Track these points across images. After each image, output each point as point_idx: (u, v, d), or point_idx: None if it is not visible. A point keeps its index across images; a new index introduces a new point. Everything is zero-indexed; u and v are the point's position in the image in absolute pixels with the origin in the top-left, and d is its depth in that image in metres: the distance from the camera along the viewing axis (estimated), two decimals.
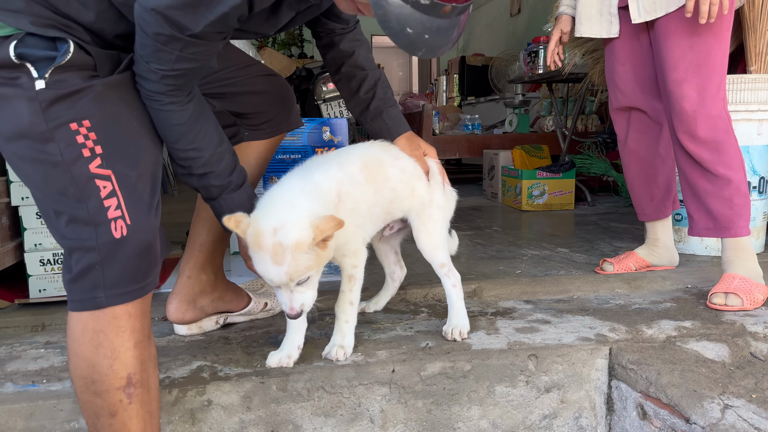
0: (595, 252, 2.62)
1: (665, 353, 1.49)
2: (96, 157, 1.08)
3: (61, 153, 1.06)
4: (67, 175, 1.06)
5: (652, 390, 1.37)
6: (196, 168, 1.27)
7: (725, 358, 1.49)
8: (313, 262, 1.27)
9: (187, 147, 1.25)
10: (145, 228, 1.12)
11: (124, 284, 1.09)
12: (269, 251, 1.24)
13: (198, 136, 1.25)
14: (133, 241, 1.10)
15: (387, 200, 1.54)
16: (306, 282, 1.29)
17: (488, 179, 4.79)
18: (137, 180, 1.13)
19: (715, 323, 1.67)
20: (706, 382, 1.36)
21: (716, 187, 1.90)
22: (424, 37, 1.10)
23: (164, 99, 1.18)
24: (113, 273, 1.09)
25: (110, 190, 1.09)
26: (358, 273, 1.49)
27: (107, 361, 1.08)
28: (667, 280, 2.11)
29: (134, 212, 1.11)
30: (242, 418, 1.35)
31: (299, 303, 1.29)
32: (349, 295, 1.49)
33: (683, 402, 1.30)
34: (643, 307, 1.84)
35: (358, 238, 1.48)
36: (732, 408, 1.27)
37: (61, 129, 1.06)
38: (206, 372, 1.40)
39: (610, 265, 2.22)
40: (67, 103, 1.07)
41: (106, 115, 1.11)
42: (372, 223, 1.54)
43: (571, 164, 4.12)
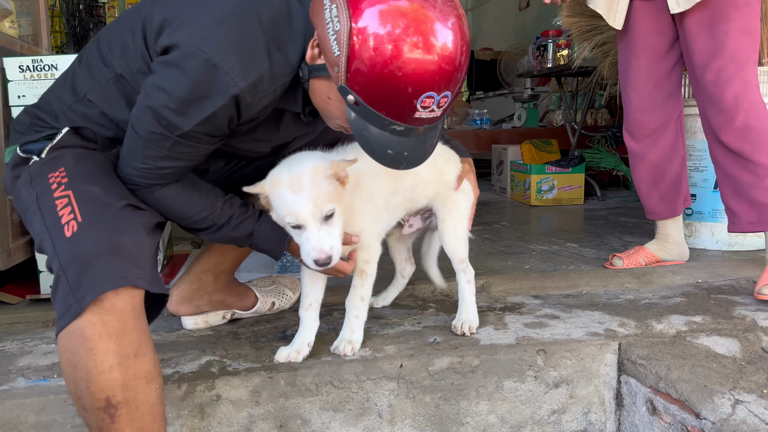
0: (605, 247, 2.61)
1: (675, 348, 1.48)
2: (60, 186, 1.18)
3: (37, 196, 1.19)
4: (38, 211, 1.18)
5: (662, 385, 1.37)
6: (218, 219, 1.35)
7: (736, 353, 1.48)
8: (334, 191, 1.24)
9: (199, 209, 1.33)
10: (101, 224, 1.12)
11: (87, 283, 1.06)
12: (287, 182, 1.23)
13: (200, 193, 1.33)
14: (87, 236, 1.09)
15: (409, 187, 1.51)
16: (332, 220, 1.25)
17: (497, 174, 4.77)
18: (98, 190, 1.18)
19: (726, 318, 1.66)
20: (717, 378, 1.35)
21: (758, 178, 1.88)
22: (404, 154, 1.17)
23: (153, 188, 1.27)
24: (74, 273, 1.07)
25: (66, 203, 1.15)
26: (370, 269, 1.47)
27: (83, 383, 1.06)
28: (677, 275, 2.09)
29: (87, 210, 1.13)
30: (251, 412, 1.36)
31: (328, 244, 1.23)
32: (359, 291, 1.47)
33: (693, 397, 1.29)
34: (653, 302, 1.83)
35: (372, 231, 1.46)
36: (743, 403, 1.26)
37: (40, 181, 1.21)
38: (215, 367, 1.41)
39: (619, 260, 2.20)
40: (50, 163, 1.23)
41: (80, 161, 1.24)
42: (390, 215, 1.52)
43: (580, 159, 4.09)
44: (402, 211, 1.56)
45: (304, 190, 1.21)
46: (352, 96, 1.11)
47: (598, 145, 4.31)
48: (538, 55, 4.64)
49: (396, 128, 1.13)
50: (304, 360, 1.43)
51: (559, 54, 4.40)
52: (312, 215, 1.22)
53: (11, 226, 1.88)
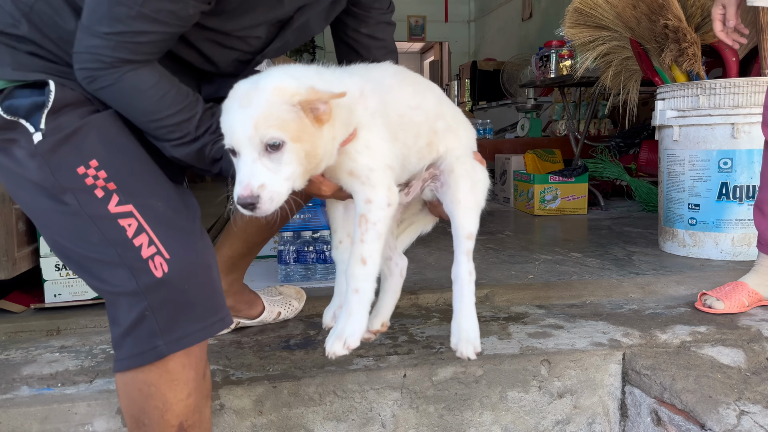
0: (608, 257, 2.60)
1: (680, 358, 1.47)
2: (111, 194, 1.01)
3: (78, 201, 1.00)
4: (88, 223, 1.00)
5: (667, 396, 1.36)
6: (194, 128, 1.05)
7: (741, 363, 1.47)
8: (290, 121, 0.94)
9: (174, 110, 1.03)
10: (191, 258, 1.01)
11: (184, 326, 1.00)
12: (239, 95, 0.97)
13: (180, 92, 1.05)
14: (180, 276, 0.99)
15: (425, 121, 1.16)
16: (277, 154, 0.94)
17: (500, 184, 4.77)
18: (166, 207, 1.04)
19: (731, 328, 1.65)
20: (722, 388, 1.34)
21: None
22: None
23: (123, 68, 0.99)
24: (168, 316, 0.99)
25: (137, 227, 1.00)
26: (375, 215, 1.04)
27: (158, 412, 1.02)
28: (681, 285, 2.09)
29: (172, 244, 1.01)
30: (254, 422, 1.36)
31: (258, 181, 0.93)
32: (359, 249, 1.04)
33: (698, 408, 1.29)
34: (657, 312, 1.83)
35: (380, 162, 1.06)
36: (748, 414, 1.25)
37: (68, 176, 1.00)
38: (218, 376, 1.41)
39: (718, 301, 1.82)
40: (69, 147, 1.01)
41: (113, 149, 1.04)
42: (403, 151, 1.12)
43: (584, 168, 4.09)
44: (414, 161, 1.17)
45: (252, 107, 0.94)
46: None
47: (602, 154, 4.31)
48: (541, 66, 4.65)
49: None
50: (308, 369, 1.42)
51: (561, 64, 4.42)
52: (248, 139, 0.94)
53: (17, 235, 1.89)
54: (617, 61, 3.31)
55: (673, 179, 2.64)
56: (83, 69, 0.99)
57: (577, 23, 3.29)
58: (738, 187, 2.46)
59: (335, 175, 1.07)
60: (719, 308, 1.80)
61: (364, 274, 1.05)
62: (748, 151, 2.42)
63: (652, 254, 2.64)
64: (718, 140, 2.47)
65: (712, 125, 2.47)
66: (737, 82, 2.41)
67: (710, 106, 2.47)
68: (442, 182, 1.22)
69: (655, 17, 2.63)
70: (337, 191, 1.10)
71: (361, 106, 1.04)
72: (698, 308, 1.84)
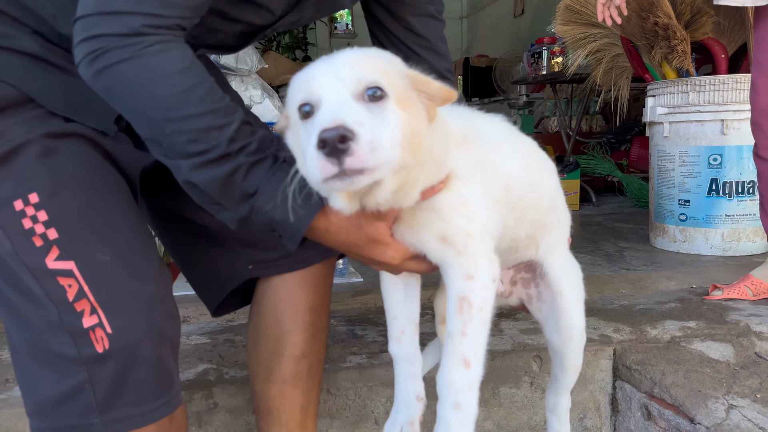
0: (600, 252, 2.62)
1: (669, 353, 1.49)
2: (51, 246, 0.82)
3: (12, 244, 0.83)
4: (24, 272, 0.83)
5: (657, 390, 1.38)
6: (226, 142, 0.77)
7: (730, 358, 1.49)
8: (400, 84, 0.71)
9: (204, 110, 0.76)
10: (137, 334, 0.84)
11: (123, 408, 0.84)
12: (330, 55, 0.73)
13: (214, 89, 0.79)
14: (123, 354, 0.83)
15: (535, 207, 0.91)
16: (378, 106, 0.68)
17: None
18: (115, 263, 0.85)
19: (720, 323, 1.67)
20: (711, 382, 1.36)
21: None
22: None
23: (146, 39, 0.74)
24: (107, 393, 0.83)
25: (77, 290, 0.82)
26: (480, 296, 0.79)
27: None
28: (671, 281, 2.10)
29: (116, 314, 0.83)
30: (248, 420, 1.36)
31: (354, 117, 0.65)
32: (460, 346, 0.79)
33: (687, 402, 1.30)
34: (648, 307, 1.84)
35: (479, 219, 0.80)
36: (736, 408, 1.27)
37: (2, 211, 0.83)
38: (212, 375, 1.41)
39: (718, 290, 1.90)
40: (6, 170, 0.82)
41: (60, 180, 0.84)
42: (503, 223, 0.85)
43: (575, 165, 4.11)
44: (503, 250, 0.88)
45: (349, 54, 0.72)
46: None
47: (593, 151, 4.34)
48: (532, 62, 4.67)
49: None
50: None
51: (553, 61, 4.43)
52: (340, 78, 0.68)
53: None
54: (608, 58, 3.33)
55: (663, 175, 2.66)
56: (90, 38, 0.74)
57: (568, 20, 3.31)
58: (727, 182, 2.48)
59: (415, 238, 0.81)
60: (717, 295, 1.87)
61: (468, 382, 0.79)
62: (738, 147, 2.44)
63: (643, 250, 2.66)
64: (707, 136, 2.49)
65: (701, 122, 2.49)
66: (726, 78, 2.43)
67: (700, 102, 2.48)
68: (542, 297, 0.97)
69: (645, 15, 2.65)
70: (409, 261, 0.84)
71: (462, 152, 0.80)
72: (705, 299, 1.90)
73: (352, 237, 0.82)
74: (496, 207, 0.82)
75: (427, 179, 0.76)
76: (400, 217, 0.80)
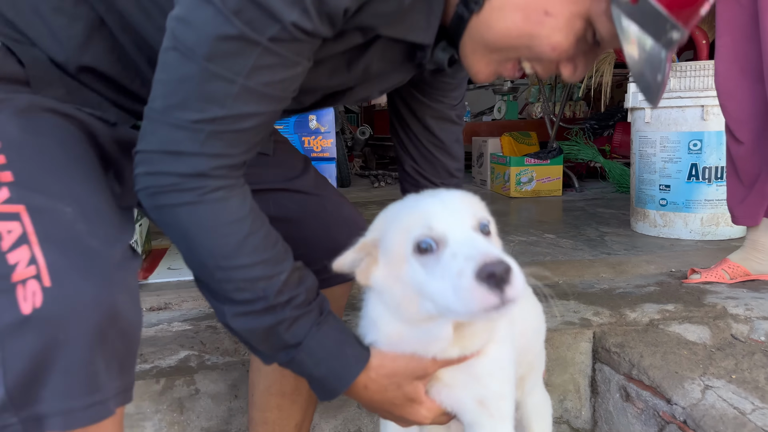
0: (582, 237, 2.65)
1: (648, 336, 1.51)
2: (1, 187, 0.70)
3: None
4: None
5: (635, 372, 1.40)
6: (274, 294, 0.76)
7: (706, 340, 1.52)
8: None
9: (256, 260, 0.75)
10: (87, 292, 0.65)
11: (48, 401, 0.63)
12: (419, 196, 0.78)
13: (269, 236, 0.78)
14: (58, 317, 0.63)
15: (531, 351, 0.98)
16: (489, 239, 0.73)
17: (477, 166, 4.80)
18: (77, 216, 0.71)
19: (698, 306, 1.70)
20: (688, 364, 1.38)
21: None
22: (657, 79, 0.79)
23: (209, 183, 0.72)
24: (25, 379, 0.63)
25: (18, 236, 0.67)
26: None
27: None
28: (651, 265, 2.13)
29: (63, 267, 0.66)
30: (230, 406, 1.36)
31: (496, 252, 0.66)
32: None
33: (665, 383, 1.32)
34: (627, 291, 1.87)
35: (508, 382, 0.83)
36: (712, 389, 1.29)
37: None
38: (194, 361, 1.41)
39: (696, 274, 1.93)
40: None
41: (32, 136, 0.76)
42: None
43: (558, 150, 4.13)
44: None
45: (456, 194, 0.76)
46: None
47: (576, 137, 4.36)
48: None
49: (672, 36, 0.76)
50: None
51: None
52: (461, 217, 0.72)
53: None
54: None
55: (644, 161, 2.68)
56: (153, 174, 0.73)
57: None
58: (707, 168, 2.51)
59: (452, 398, 0.81)
60: (696, 279, 1.91)
61: None
62: (718, 132, 2.46)
63: (624, 234, 2.69)
64: (688, 122, 2.52)
65: (682, 107, 2.51)
66: (707, 64, 2.45)
67: (681, 88, 2.50)
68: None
69: None
70: (439, 416, 0.84)
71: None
72: (684, 282, 1.93)
73: (390, 395, 0.81)
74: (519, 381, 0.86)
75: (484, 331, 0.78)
76: (437, 376, 0.81)
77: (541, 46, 0.79)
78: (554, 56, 0.80)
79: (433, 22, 0.83)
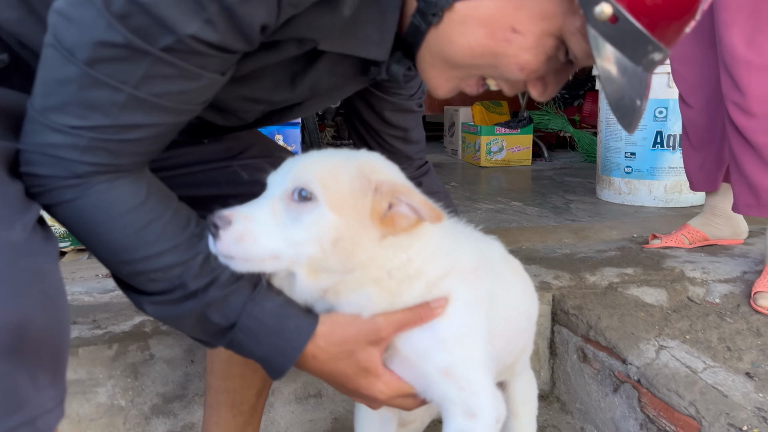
0: (548, 205, 2.66)
1: (606, 299, 1.52)
2: None
3: None
4: None
5: (592, 334, 1.41)
6: (191, 278, 0.70)
7: (663, 302, 1.54)
8: (346, 189, 0.70)
9: (163, 248, 0.69)
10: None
11: None
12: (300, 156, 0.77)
13: (176, 219, 0.71)
14: None
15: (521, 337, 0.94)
16: (299, 208, 0.69)
17: (449, 136, 4.78)
18: None
19: (656, 270, 1.72)
20: (644, 326, 1.40)
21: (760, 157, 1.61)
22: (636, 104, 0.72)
23: (91, 179, 0.66)
24: None
25: None
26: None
27: None
28: (614, 230, 2.15)
29: None
30: (186, 371, 1.34)
31: (246, 213, 0.69)
32: None
33: (621, 344, 1.34)
34: (589, 255, 1.88)
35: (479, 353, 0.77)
36: (666, 348, 1.31)
37: None
38: (148, 327, 1.38)
39: (657, 239, 1.94)
40: None
41: None
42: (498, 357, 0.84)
43: (529, 120, 4.13)
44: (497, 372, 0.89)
45: (317, 154, 0.75)
46: (609, 6, 0.65)
47: (547, 106, 4.36)
48: None
49: (654, 58, 0.70)
50: None
51: None
52: (282, 175, 0.73)
53: None
54: None
55: (611, 128, 2.69)
56: (30, 175, 0.65)
57: None
58: (671, 135, 2.53)
59: (413, 371, 0.77)
60: (656, 244, 1.93)
61: None
62: None
63: (589, 202, 2.71)
64: (654, 90, 2.52)
65: None
66: None
67: None
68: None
69: None
70: (402, 396, 0.78)
71: (469, 284, 0.78)
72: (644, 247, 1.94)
73: (342, 365, 0.75)
74: (495, 342, 0.80)
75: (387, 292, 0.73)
76: (396, 346, 0.76)
77: (508, 66, 0.72)
78: (522, 76, 0.74)
79: (387, 35, 0.76)
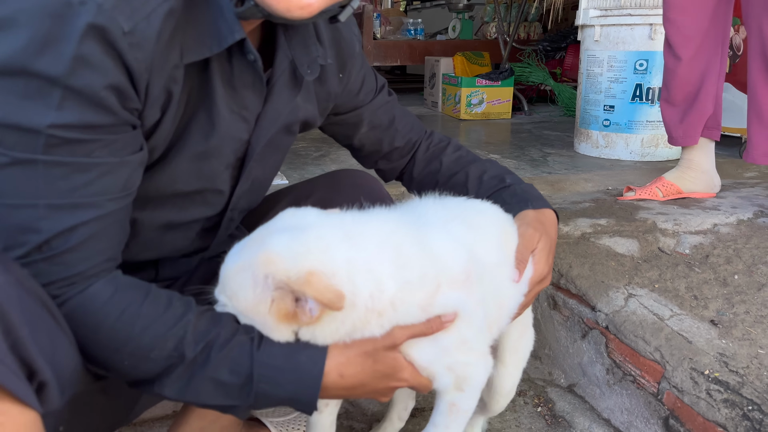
0: (525, 158, 2.65)
1: (578, 248, 1.53)
2: None
3: None
4: None
5: (563, 281, 1.42)
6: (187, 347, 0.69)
7: (634, 252, 1.55)
8: (249, 295, 0.71)
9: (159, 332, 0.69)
10: None
11: None
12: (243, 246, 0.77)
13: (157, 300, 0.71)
14: None
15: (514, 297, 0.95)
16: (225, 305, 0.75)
17: (429, 87, 4.71)
18: None
19: (629, 221, 1.73)
20: (614, 274, 1.42)
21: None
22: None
23: (67, 293, 0.66)
24: None
25: None
26: (467, 404, 0.85)
27: None
28: (589, 183, 2.16)
29: None
30: None
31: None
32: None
33: (590, 292, 1.35)
34: (563, 206, 1.88)
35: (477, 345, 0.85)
36: (635, 297, 1.33)
37: None
38: None
39: (631, 192, 1.96)
40: None
41: None
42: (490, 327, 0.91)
43: (510, 72, 4.08)
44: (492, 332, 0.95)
45: (233, 254, 0.76)
46: None
47: (529, 59, 4.30)
48: None
49: None
50: None
51: None
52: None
53: None
54: None
55: (591, 81, 2.66)
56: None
57: None
58: (651, 89, 2.52)
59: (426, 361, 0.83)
60: (630, 196, 1.93)
61: None
62: None
63: (567, 155, 2.70)
64: (636, 41, 2.49)
65: (631, 25, 2.48)
66: None
67: (631, 5, 2.46)
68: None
69: None
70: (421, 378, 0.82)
71: (464, 292, 0.80)
72: (618, 199, 1.94)
73: (369, 370, 0.76)
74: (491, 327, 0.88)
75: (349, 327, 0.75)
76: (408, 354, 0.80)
77: None
78: None
79: (229, 15, 0.70)
